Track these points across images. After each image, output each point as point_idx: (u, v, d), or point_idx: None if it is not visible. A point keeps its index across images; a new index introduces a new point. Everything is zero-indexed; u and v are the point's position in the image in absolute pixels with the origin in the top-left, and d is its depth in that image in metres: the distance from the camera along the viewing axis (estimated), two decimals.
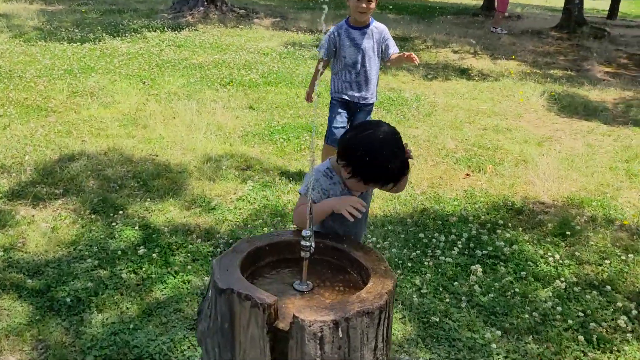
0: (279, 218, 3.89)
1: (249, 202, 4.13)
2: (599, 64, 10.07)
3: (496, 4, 12.98)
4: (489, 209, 4.22)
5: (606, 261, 3.53)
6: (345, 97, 4.19)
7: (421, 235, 3.72)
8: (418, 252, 3.55)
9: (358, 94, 4.20)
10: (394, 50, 4.19)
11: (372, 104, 4.35)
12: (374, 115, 6.19)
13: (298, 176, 4.64)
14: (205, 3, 12.14)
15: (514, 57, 9.93)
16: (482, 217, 4.07)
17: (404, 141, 2.05)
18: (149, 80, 7.02)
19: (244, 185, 4.36)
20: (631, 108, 7.34)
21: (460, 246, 3.61)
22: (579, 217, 4.12)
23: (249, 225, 3.76)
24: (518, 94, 7.58)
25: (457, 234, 3.77)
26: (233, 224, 3.79)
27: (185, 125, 5.60)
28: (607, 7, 17.38)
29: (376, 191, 4.19)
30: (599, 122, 6.68)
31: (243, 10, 12.74)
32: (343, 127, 4.22)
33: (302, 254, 1.76)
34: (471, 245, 3.64)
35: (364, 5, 3.89)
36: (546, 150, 5.58)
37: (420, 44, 10.71)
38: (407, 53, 4.14)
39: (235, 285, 1.57)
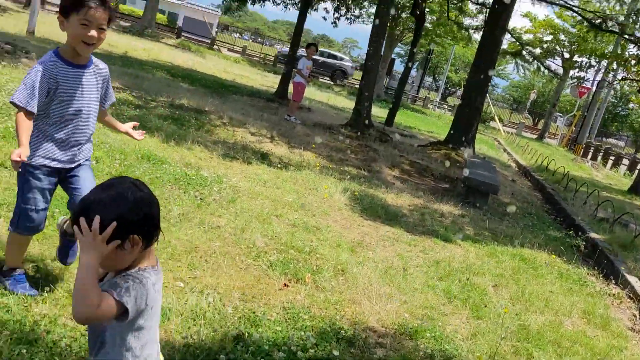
0: (24, 347, 2.51)
1: None
2: (387, 167, 10.28)
3: (291, 93, 12.91)
4: (318, 337, 3.34)
5: None
6: (55, 163, 2.93)
7: None
8: None
9: (77, 157, 3.03)
10: (112, 99, 3.17)
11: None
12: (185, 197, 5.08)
13: (58, 274, 3.28)
14: None
15: (314, 146, 9.65)
16: (312, 350, 3.17)
17: None
18: None
19: None
20: (425, 217, 7.30)
21: None
22: (416, 352, 3.46)
23: None
24: (322, 188, 7.09)
25: None
26: None
27: None
28: (381, 113, 18.81)
29: (175, 305, 3.03)
30: (402, 229, 6.42)
31: (9, 46, 10.71)
32: (45, 209, 3.00)
33: None
34: None
35: (92, 33, 2.74)
36: (361, 258, 5.00)
37: (217, 119, 9.90)
38: (134, 129, 3.21)
39: None
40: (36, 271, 3.25)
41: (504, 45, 29.82)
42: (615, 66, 24.69)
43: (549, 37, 33.19)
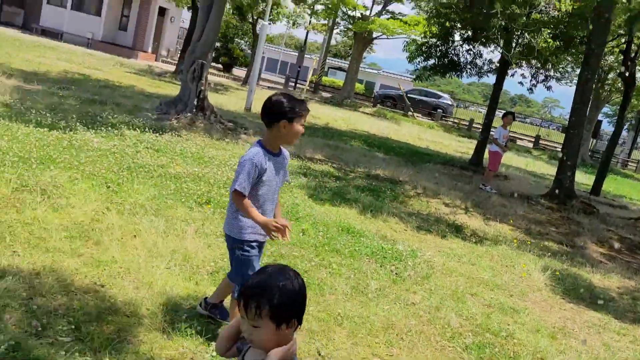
0: None
1: None
2: (593, 243, 9.58)
3: (487, 161, 12.78)
4: None
5: None
6: (261, 237, 3.46)
7: None
8: None
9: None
10: (286, 179, 3.66)
11: None
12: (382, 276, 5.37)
13: None
14: (194, 110, 11.61)
15: (511, 220, 9.40)
16: None
17: None
18: (115, 185, 6.13)
19: (207, 349, 3.37)
20: (637, 302, 6.67)
21: None
22: None
23: None
24: (520, 266, 6.88)
25: None
26: None
27: (147, 248, 4.66)
28: (585, 180, 17.59)
29: None
30: (609, 315, 5.94)
31: (231, 124, 12.24)
32: None
33: None
34: None
35: (302, 130, 3.42)
36: (563, 347, 4.75)
37: (411, 190, 10.18)
38: (283, 225, 3.32)
39: None
40: None
41: None
42: None
43: None
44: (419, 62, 17.63)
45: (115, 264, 4.25)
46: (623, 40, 14.23)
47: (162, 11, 32.02)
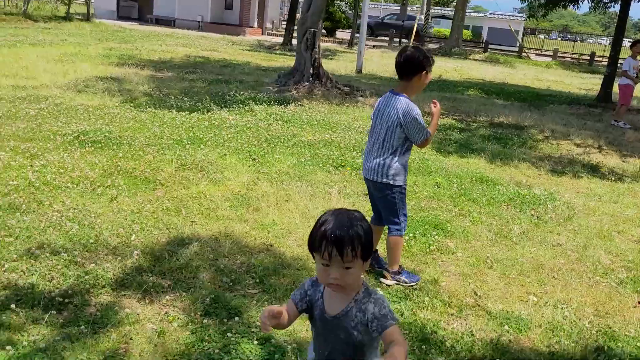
0: (418, 344, 3.20)
1: None
2: None
3: (618, 96, 12.11)
4: None
5: None
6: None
7: None
8: None
9: None
10: None
11: None
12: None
13: (431, 285, 3.97)
14: (311, 78, 12.01)
15: None
16: None
17: None
18: (259, 157, 6.65)
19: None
20: None
21: None
22: None
23: None
24: None
25: None
26: None
27: (300, 211, 5.10)
28: None
29: (533, 316, 3.42)
30: None
31: (347, 88, 12.51)
32: None
33: None
34: None
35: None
36: None
37: (538, 133, 9.96)
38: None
39: None
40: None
41: None
42: None
43: None
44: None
45: (276, 226, 4.72)
46: None
47: None
